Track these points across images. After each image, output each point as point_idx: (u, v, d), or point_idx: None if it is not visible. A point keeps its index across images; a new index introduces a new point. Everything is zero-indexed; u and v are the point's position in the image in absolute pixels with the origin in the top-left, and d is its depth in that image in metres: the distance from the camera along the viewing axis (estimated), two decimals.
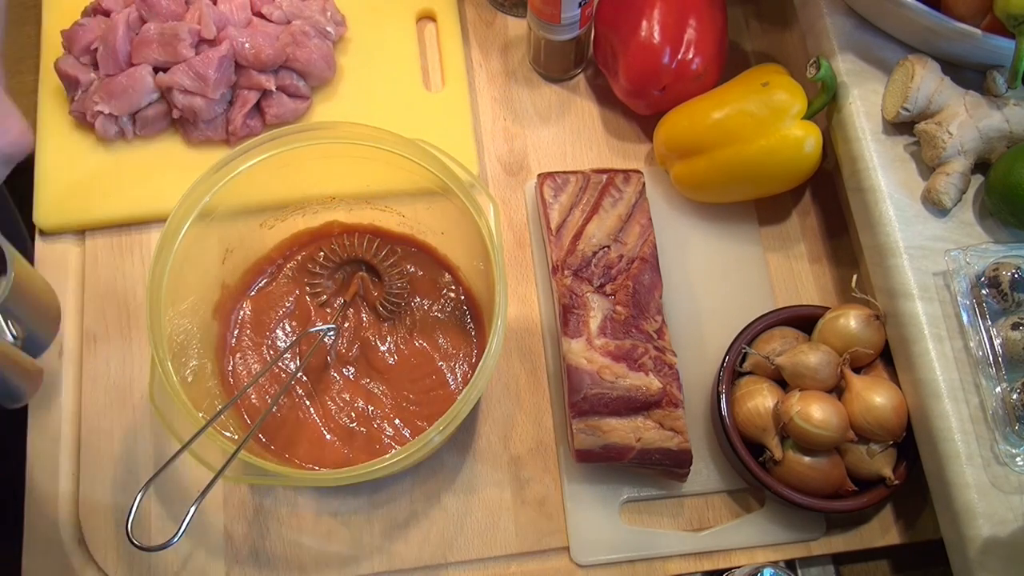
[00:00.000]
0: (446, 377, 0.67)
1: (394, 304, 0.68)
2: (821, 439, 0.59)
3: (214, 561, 0.63)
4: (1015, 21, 0.58)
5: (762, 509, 0.66)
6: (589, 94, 0.80)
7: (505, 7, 0.82)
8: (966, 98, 0.64)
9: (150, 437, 0.66)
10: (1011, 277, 0.59)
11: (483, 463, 0.67)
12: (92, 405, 0.67)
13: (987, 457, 0.58)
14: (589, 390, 0.63)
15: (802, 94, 0.67)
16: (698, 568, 0.65)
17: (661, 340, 0.66)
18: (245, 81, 0.72)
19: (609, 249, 0.68)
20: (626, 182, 0.71)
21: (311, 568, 0.64)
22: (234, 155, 0.59)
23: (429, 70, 0.79)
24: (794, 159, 0.67)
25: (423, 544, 0.65)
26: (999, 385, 0.59)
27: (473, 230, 0.60)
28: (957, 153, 0.63)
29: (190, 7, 0.73)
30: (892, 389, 0.61)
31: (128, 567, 0.63)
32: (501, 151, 0.77)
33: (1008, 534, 0.56)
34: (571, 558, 0.65)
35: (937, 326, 0.61)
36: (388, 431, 0.65)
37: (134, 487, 0.65)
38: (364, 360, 0.67)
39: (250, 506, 0.65)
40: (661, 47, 0.70)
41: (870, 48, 0.68)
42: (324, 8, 0.76)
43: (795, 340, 0.65)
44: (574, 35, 0.74)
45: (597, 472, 0.66)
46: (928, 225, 0.64)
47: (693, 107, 0.71)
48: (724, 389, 0.64)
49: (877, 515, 0.67)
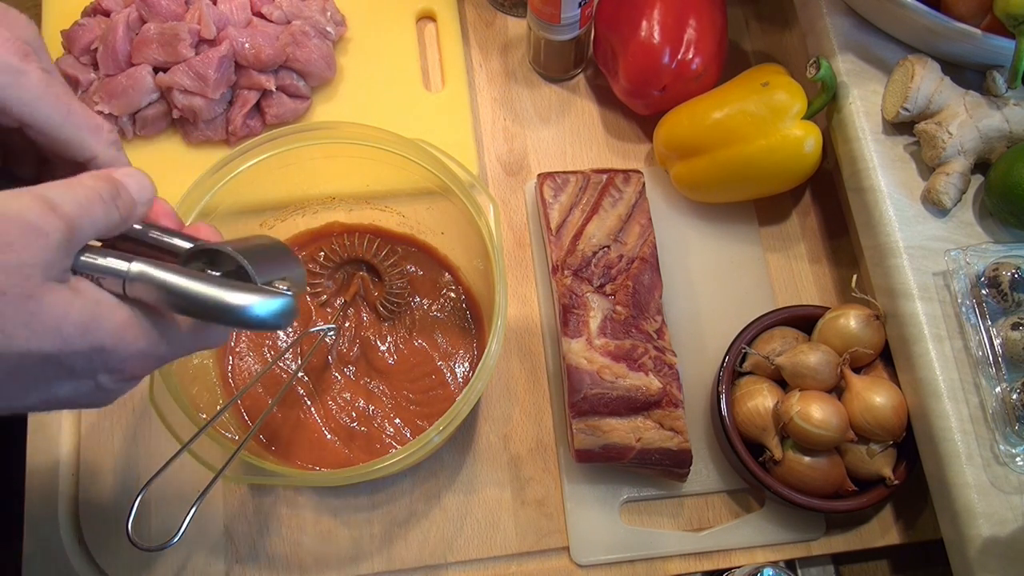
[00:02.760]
0: (446, 377, 0.67)
1: (394, 304, 0.68)
2: (821, 439, 0.59)
3: (214, 561, 0.63)
4: (1015, 21, 0.58)
5: (762, 509, 0.66)
6: (589, 94, 0.80)
7: (505, 7, 0.82)
8: (966, 98, 0.64)
9: (150, 437, 0.66)
10: (1011, 277, 0.59)
11: (483, 463, 0.67)
12: None
13: (987, 457, 0.58)
14: (589, 390, 0.63)
15: (802, 94, 0.67)
16: (698, 568, 0.65)
17: (661, 340, 0.66)
18: (245, 81, 0.72)
19: (609, 249, 0.68)
20: (626, 182, 0.71)
21: (311, 568, 0.64)
22: (234, 155, 0.59)
23: (429, 70, 0.79)
24: (794, 159, 0.67)
25: (423, 544, 0.65)
26: (999, 385, 0.59)
27: (473, 230, 0.60)
28: (957, 153, 0.63)
29: (190, 7, 0.73)
30: (892, 389, 0.61)
31: (128, 567, 0.63)
32: (501, 151, 0.77)
33: (1008, 534, 0.56)
34: (571, 558, 0.65)
35: (937, 326, 0.61)
36: (388, 431, 0.65)
37: (134, 487, 0.65)
38: (364, 360, 0.67)
39: (250, 506, 0.65)
40: (661, 47, 0.70)
41: (870, 48, 0.68)
42: (324, 8, 0.76)
43: (795, 340, 0.65)
44: (574, 35, 0.74)
45: (597, 472, 0.66)
46: (928, 225, 0.64)
47: (693, 107, 0.71)
48: (724, 389, 0.64)
49: (877, 515, 0.67)
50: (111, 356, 0.36)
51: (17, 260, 0.32)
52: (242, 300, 0.37)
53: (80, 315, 0.34)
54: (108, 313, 0.36)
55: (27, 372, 0.34)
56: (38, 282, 0.33)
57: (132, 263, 0.36)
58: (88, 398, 0.38)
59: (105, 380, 0.37)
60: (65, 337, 0.34)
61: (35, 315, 0.33)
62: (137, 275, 0.36)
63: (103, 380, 0.37)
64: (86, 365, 0.36)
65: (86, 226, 0.35)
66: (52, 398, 0.36)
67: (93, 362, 0.36)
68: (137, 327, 0.37)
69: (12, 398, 0.35)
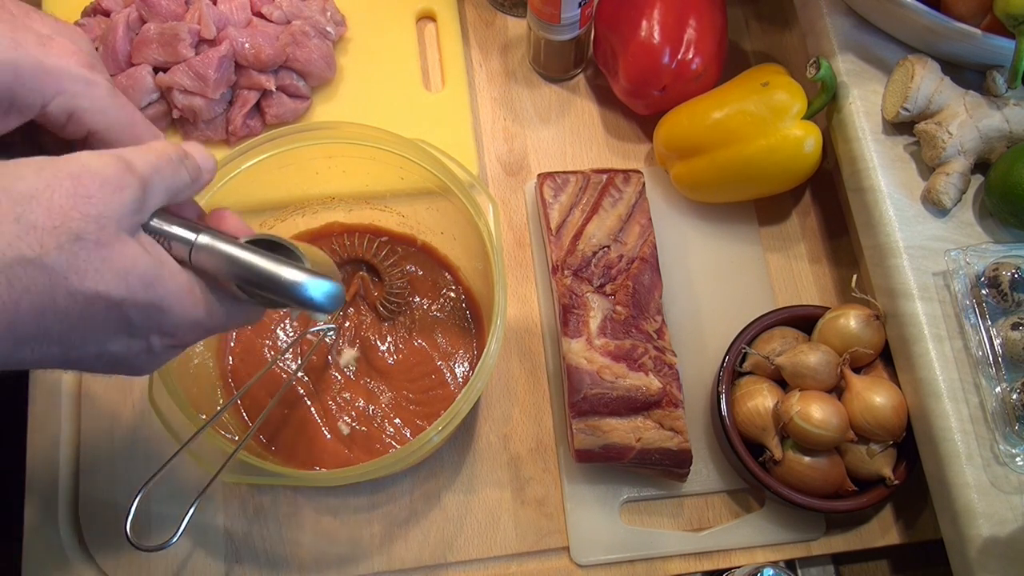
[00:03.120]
0: (445, 377, 0.67)
1: (394, 303, 0.68)
2: (821, 439, 0.59)
3: (214, 561, 0.63)
4: (1015, 21, 0.58)
5: (762, 509, 0.66)
6: (589, 94, 0.80)
7: (505, 7, 0.82)
8: (966, 98, 0.64)
9: (150, 437, 0.66)
10: (1011, 277, 0.59)
11: (483, 463, 0.67)
12: (92, 405, 0.67)
13: (987, 457, 0.58)
14: (589, 390, 0.63)
15: (802, 94, 0.67)
16: (698, 568, 0.65)
17: (661, 340, 0.66)
18: (245, 81, 0.72)
19: (609, 249, 0.68)
20: (626, 182, 0.71)
21: (311, 568, 0.64)
22: (234, 155, 0.59)
23: (429, 70, 0.79)
24: (794, 159, 0.67)
25: (423, 544, 0.65)
26: (999, 385, 0.59)
27: (473, 230, 0.60)
28: (957, 153, 0.63)
29: (190, 7, 0.73)
30: (892, 389, 0.61)
31: (128, 567, 0.63)
32: (501, 151, 0.77)
33: (1008, 534, 0.56)
34: (571, 558, 0.65)
35: (937, 326, 0.61)
36: (388, 431, 0.65)
37: (134, 487, 0.64)
38: (364, 360, 0.67)
39: (250, 506, 0.65)
40: (661, 47, 0.70)
41: (870, 48, 0.68)
42: (324, 8, 0.76)
43: (795, 340, 0.65)
44: (574, 35, 0.74)
45: (597, 472, 0.66)
46: (928, 225, 0.64)
47: (693, 107, 0.71)
48: (724, 389, 0.64)
49: (877, 515, 0.67)
50: (167, 317, 0.39)
51: (96, 211, 0.35)
52: (298, 278, 0.40)
53: (146, 269, 0.37)
54: (171, 274, 0.38)
55: (92, 317, 0.36)
56: (112, 232, 0.35)
57: (200, 233, 0.39)
58: (135, 360, 0.40)
59: (156, 342, 0.40)
60: (130, 286, 0.36)
61: (107, 260, 0.35)
62: (204, 244, 0.39)
63: (155, 342, 0.40)
64: (144, 321, 0.38)
65: (157, 184, 0.38)
66: (105, 352, 0.38)
67: (151, 319, 0.38)
68: (196, 294, 0.40)
69: (72, 345, 0.37)
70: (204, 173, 0.42)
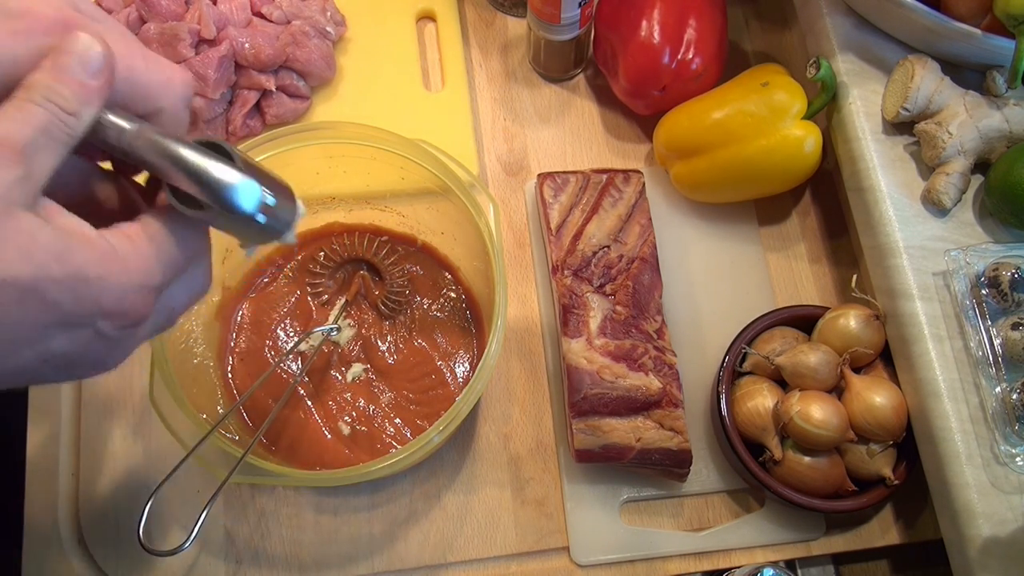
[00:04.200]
0: (446, 377, 0.67)
1: (395, 302, 0.68)
2: (821, 439, 0.59)
3: (215, 561, 0.63)
4: (1015, 21, 0.58)
5: (762, 509, 0.66)
6: (589, 94, 0.80)
7: (505, 7, 0.82)
8: (966, 98, 0.64)
9: (150, 437, 0.66)
10: (1011, 277, 0.59)
11: (483, 463, 0.67)
12: (92, 405, 0.67)
13: (987, 457, 0.58)
14: (589, 390, 0.63)
15: (802, 94, 0.67)
16: (698, 568, 0.65)
17: (661, 340, 0.66)
18: (245, 81, 0.72)
19: (609, 249, 0.68)
20: (626, 182, 0.71)
21: (311, 568, 0.64)
22: None
23: (429, 70, 0.79)
24: (794, 159, 0.67)
25: (423, 544, 0.65)
26: (999, 385, 0.59)
27: (473, 230, 0.60)
28: (957, 153, 0.63)
29: (190, 7, 0.73)
30: (892, 389, 0.61)
31: (128, 567, 0.63)
32: (501, 151, 0.77)
33: (1008, 534, 0.56)
34: (571, 558, 0.65)
35: (937, 326, 0.61)
36: (388, 431, 0.65)
37: (134, 487, 0.65)
38: (365, 359, 0.67)
39: (251, 506, 0.65)
40: (661, 47, 0.70)
41: (870, 48, 0.68)
42: (324, 8, 0.76)
43: (795, 340, 0.65)
44: (574, 35, 0.74)
45: (597, 472, 0.66)
46: (928, 225, 0.64)
47: (693, 107, 0.71)
48: (724, 389, 0.64)
49: (877, 515, 0.67)
50: (100, 291, 0.34)
51: None
52: (229, 177, 0.37)
53: (52, 240, 0.33)
54: (85, 240, 0.34)
55: (8, 311, 0.32)
56: (1, 209, 0.31)
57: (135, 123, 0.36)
58: (91, 354, 0.36)
59: (105, 327, 0.35)
60: (38, 263, 0.32)
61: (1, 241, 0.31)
62: (135, 131, 0.36)
63: (102, 326, 0.35)
64: (75, 303, 0.34)
65: (40, 142, 0.33)
66: (49, 353, 0.34)
67: (83, 298, 0.34)
68: (119, 254, 0.35)
69: (1, 354, 0.33)
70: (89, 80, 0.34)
